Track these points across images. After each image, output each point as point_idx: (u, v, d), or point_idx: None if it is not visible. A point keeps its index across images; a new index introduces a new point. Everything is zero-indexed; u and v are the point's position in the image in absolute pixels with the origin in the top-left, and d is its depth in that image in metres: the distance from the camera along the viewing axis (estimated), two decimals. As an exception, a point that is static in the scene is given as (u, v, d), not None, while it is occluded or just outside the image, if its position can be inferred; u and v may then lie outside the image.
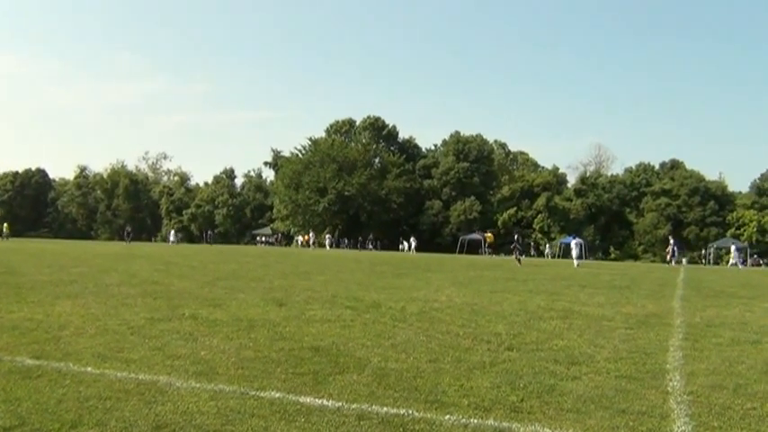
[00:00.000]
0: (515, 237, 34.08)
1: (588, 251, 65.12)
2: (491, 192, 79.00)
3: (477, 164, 76.31)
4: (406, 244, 60.07)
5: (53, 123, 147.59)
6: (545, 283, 16.69)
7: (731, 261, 44.06)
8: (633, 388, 5.20)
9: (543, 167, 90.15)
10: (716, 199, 70.84)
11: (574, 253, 33.07)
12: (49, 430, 3.84)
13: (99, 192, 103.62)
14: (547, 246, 64.88)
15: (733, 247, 45.47)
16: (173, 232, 66.90)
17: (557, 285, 16.06)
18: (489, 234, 41.20)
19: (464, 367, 5.75)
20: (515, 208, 74.50)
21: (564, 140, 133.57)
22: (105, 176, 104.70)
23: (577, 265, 30.08)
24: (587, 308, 10.71)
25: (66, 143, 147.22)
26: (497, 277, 19.06)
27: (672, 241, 44.24)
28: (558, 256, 62.14)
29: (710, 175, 78.82)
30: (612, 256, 68.42)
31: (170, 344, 6.42)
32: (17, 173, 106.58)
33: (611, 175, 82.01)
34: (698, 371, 5.92)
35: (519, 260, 30.68)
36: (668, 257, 43.05)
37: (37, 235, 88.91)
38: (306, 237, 69.16)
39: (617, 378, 5.52)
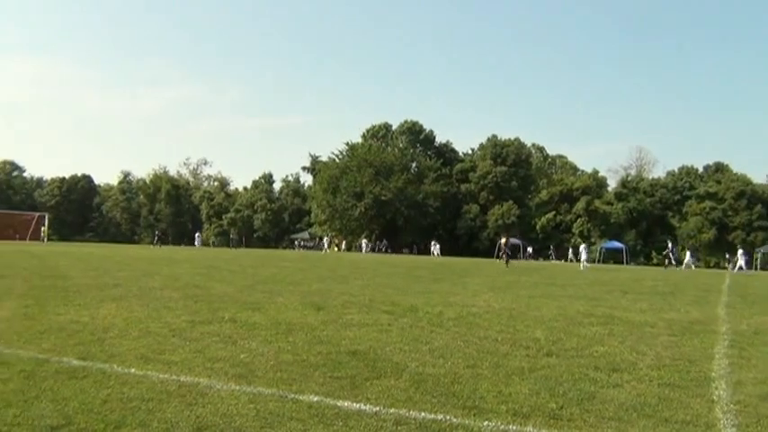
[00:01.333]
0: (502, 240, 35.19)
1: (630, 256, 63.89)
2: (529, 196, 78.17)
3: (515, 168, 75.65)
4: (434, 248, 59.58)
5: (98, 129, 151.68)
6: (585, 289, 16.43)
7: (738, 264, 42.87)
8: (677, 396, 5.07)
9: (582, 171, 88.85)
10: (763, 203, 68.77)
11: (582, 256, 36.07)
12: (94, 430, 3.92)
13: (142, 196, 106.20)
14: (570, 250, 62.34)
15: (740, 252, 44.32)
16: (197, 235, 66.84)
17: (597, 291, 15.79)
18: (504, 239, 41.36)
19: (502, 373, 5.69)
20: (554, 212, 73.60)
21: (604, 143, 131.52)
22: (148, 181, 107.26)
23: (583, 268, 31.87)
24: (629, 314, 10.51)
25: (111, 149, 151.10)
26: (536, 282, 18.84)
27: (669, 245, 44.21)
28: (598, 261, 61.10)
29: (758, 177, 76.44)
30: (655, 261, 66.96)
31: (210, 346, 6.51)
32: (64, 179, 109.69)
33: (653, 179, 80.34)
34: (745, 379, 5.75)
35: (507, 262, 31.54)
36: (666, 262, 42.85)
37: (83, 239, 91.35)
38: (337, 239, 69.75)
39: (660, 386, 5.40)
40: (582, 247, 38.71)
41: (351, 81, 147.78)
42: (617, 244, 65.44)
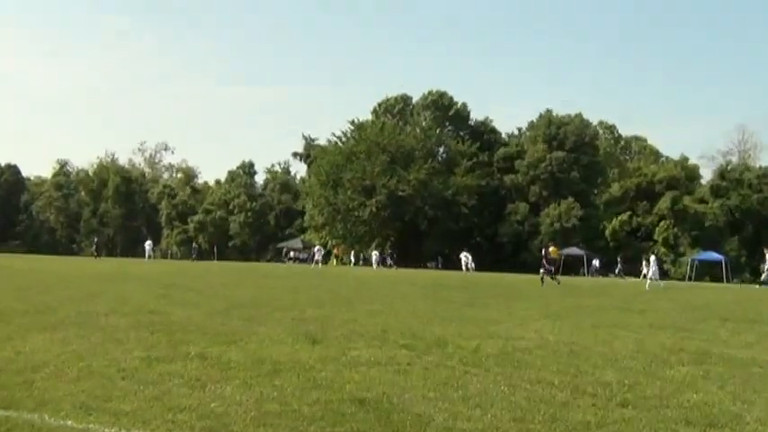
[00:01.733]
0: (543, 251, 35.40)
1: (731, 272, 63.34)
2: (595, 191, 77.93)
3: (577, 153, 75.40)
4: (466, 259, 58.65)
5: (25, 107, 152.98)
6: (671, 315, 16.32)
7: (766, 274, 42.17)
8: (797, 462, 4.99)
9: (667, 158, 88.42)
10: None
11: (650, 270, 36.25)
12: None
13: (83, 193, 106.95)
14: (644, 263, 60.74)
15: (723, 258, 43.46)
16: (148, 244, 64.94)
17: (687, 318, 15.68)
18: (553, 248, 41.25)
19: (561, 428, 5.65)
20: (629, 213, 73.20)
21: (695, 122, 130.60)
22: (91, 173, 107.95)
23: (648, 287, 32.14)
24: (730, 350, 10.40)
25: (42, 131, 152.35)
26: (605, 306, 18.74)
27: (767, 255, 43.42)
28: (689, 278, 60.69)
29: None
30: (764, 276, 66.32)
31: (171, 392, 6.51)
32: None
33: (761, 168, 79.66)
34: None
35: (543, 279, 31.97)
36: (764, 276, 42.31)
37: (7, 248, 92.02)
38: (338, 250, 69.88)
39: (774, 447, 5.32)
40: (652, 258, 38.61)
41: (357, 40, 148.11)
42: (714, 255, 64.87)
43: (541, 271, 33.31)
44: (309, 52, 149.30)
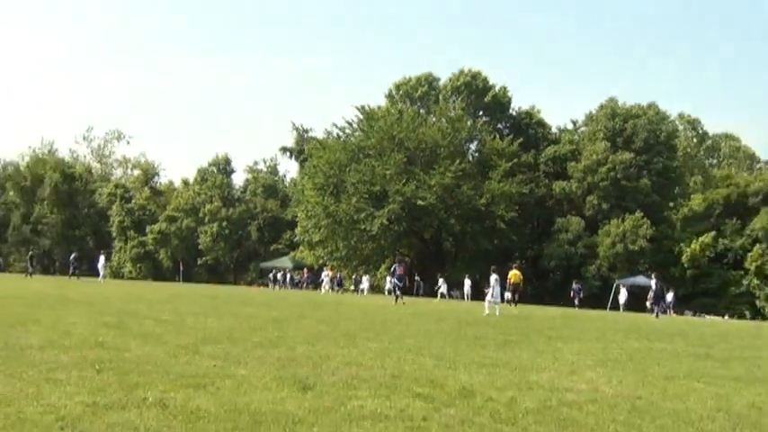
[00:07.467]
0: (574, 285, 36.37)
1: None
2: (671, 204, 77.55)
3: (648, 155, 75.21)
4: (442, 287, 61.71)
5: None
6: (764, 366, 16.19)
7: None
8: None
9: (766, 164, 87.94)
10: None
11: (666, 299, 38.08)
12: None
13: (12, 193, 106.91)
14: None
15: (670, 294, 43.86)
16: (102, 259, 61.12)
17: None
18: (515, 272, 42.83)
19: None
20: (714, 232, 72.79)
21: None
22: (22, 168, 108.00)
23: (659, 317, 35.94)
24: None
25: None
26: (678, 352, 18.71)
27: None
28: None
29: None
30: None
31: (124, 447, 6.43)
32: None
33: None
34: None
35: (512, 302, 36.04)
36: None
37: None
38: (332, 271, 70.19)
39: None
40: (652, 282, 40.20)
41: (368, 6, 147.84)
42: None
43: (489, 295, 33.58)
44: (308, 17, 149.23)
